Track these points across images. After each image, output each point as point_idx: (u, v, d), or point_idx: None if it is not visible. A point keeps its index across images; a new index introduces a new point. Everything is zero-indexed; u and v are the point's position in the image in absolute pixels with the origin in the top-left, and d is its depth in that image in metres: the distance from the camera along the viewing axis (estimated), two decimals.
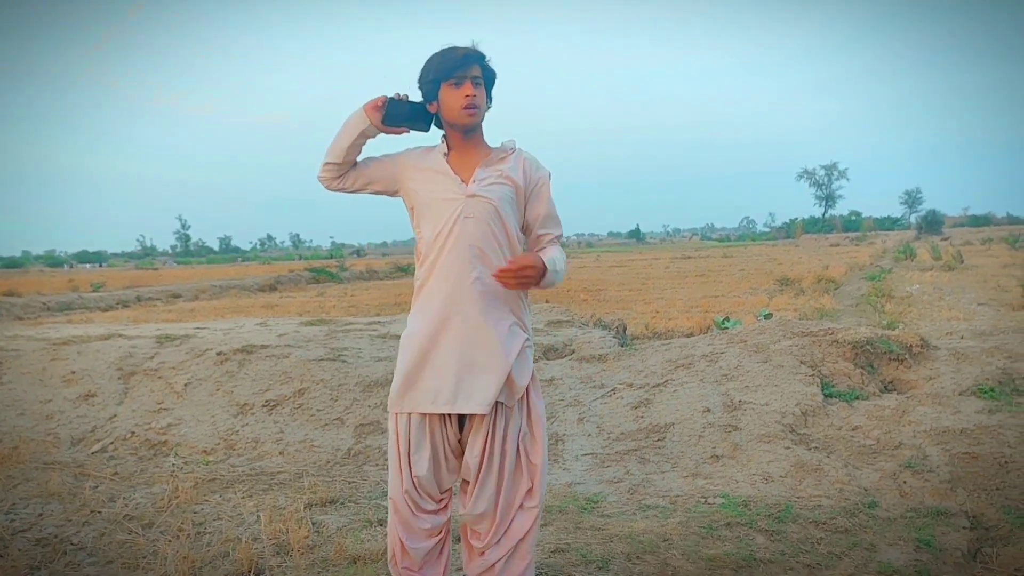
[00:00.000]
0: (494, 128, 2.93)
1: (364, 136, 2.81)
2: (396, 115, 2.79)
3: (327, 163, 2.85)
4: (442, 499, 2.93)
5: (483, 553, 2.90)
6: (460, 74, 2.73)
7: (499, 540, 2.88)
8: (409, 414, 2.80)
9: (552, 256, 2.82)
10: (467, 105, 2.74)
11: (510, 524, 2.88)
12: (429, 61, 2.78)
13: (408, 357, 2.80)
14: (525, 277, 2.68)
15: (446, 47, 2.78)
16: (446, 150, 2.85)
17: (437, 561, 2.97)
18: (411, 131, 2.86)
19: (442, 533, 2.96)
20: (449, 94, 2.75)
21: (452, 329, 2.74)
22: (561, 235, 3.00)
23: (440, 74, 2.74)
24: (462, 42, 2.81)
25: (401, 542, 2.89)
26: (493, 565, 2.88)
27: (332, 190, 2.90)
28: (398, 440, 2.84)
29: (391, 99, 2.78)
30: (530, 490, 2.88)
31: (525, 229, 2.94)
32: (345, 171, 2.87)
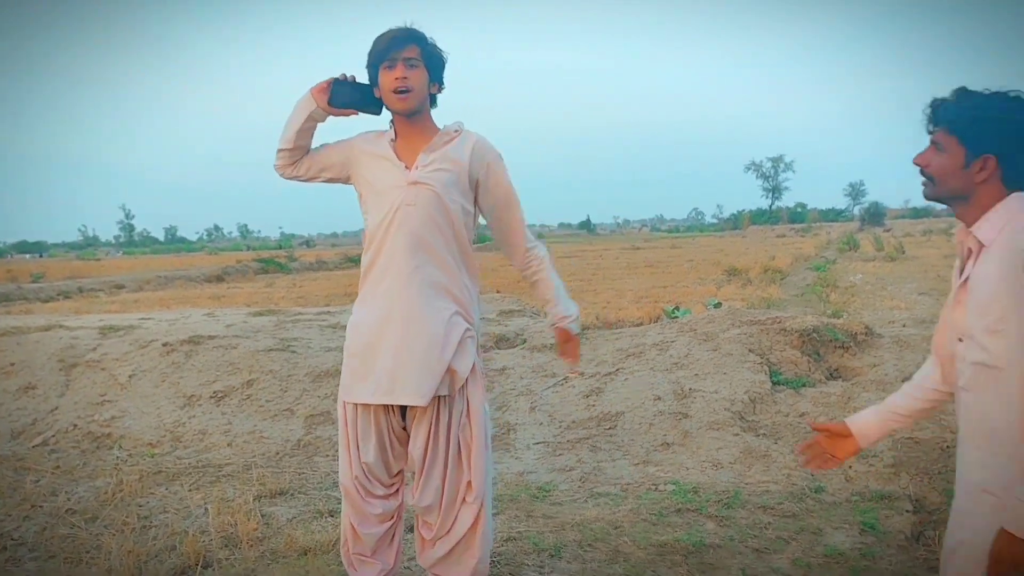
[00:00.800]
0: (445, 118, 2.92)
1: (312, 120, 2.75)
2: (342, 96, 2.74)
3: (280, 149, 2.80)
4: (392, 484, 2.91)
5: (434, 544, 2.88)
6: (393, 56, 2.67)
7: (447, 532, 2.85)
8: (355, 403, 2.78)
9: (559, 300, 2.93)
10: (397, 88, 2.67)
11: (456, 517, 2.84)
12: (370, 47, 2.73)
13: (351, 346, 2.80)
14: (573, 348, 2.97)
15: (384, 31, 2.73)
16: (393, 136, 2.80)
17: (389, 547, 2.95)
18: (362, 114, 2.81)
19: (393, 519, 2.93)
20: (384, 77, 2.69)
21: (393, 319, 2.70)
22: (539, 246, 2.96)
23: (375, 56, 2.70)
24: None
25: (353, 527, 2.87)
26: (443, 557, 2.86)
27: (288, 178, 2.85)
28: (346, 427, 2.84)
29: (336, 80, 2.73)
30: (469, 483, 2.82)
31: (487, 214, 2.89)
32: (298, 157, 2.82)
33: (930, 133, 1.98)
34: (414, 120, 2.77)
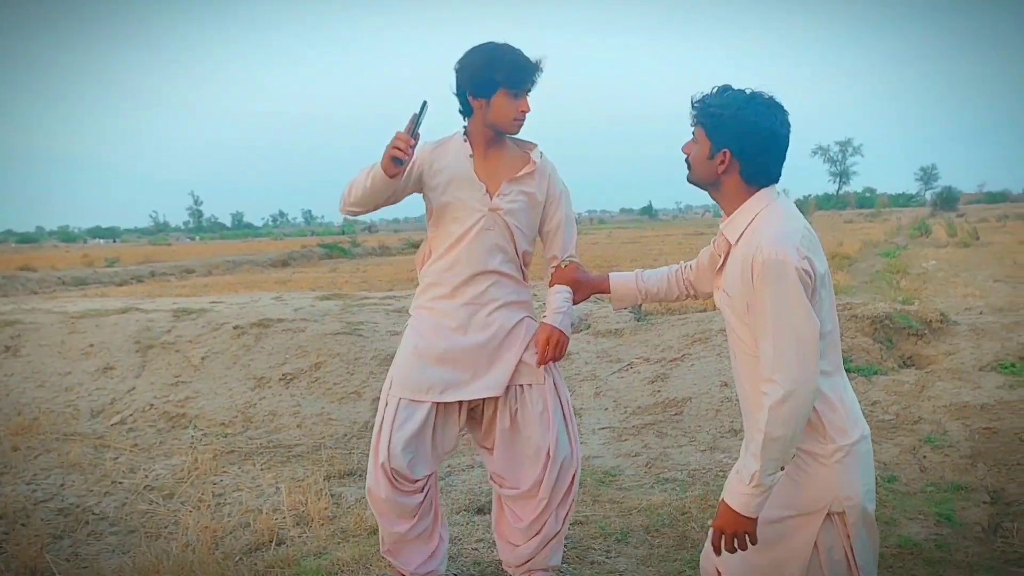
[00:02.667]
0: None
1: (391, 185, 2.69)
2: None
3: (351, 208, 2.80)
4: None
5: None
6: (527, 87, 2.72)
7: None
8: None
9: (558, 309, 2.86)
10: (520, 118, 2.75)
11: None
12: (493, 59, 2.68)
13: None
14: (559, 349, 2.86)
15: (512, 49, 2.70)
16: (471, 151, 2.81)
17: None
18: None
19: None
20: (506, 102, 2.70)
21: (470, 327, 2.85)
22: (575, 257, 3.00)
23: (506, 81, 2.67)
24: (502, 38, 2.77)
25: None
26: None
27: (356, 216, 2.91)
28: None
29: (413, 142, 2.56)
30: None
31: (542, 237, 2.97)
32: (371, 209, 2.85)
33: (692, 125, 2.11)
34: (501, 138, 2.83)
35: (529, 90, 2.73)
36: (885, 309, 6.46)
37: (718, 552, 2.02)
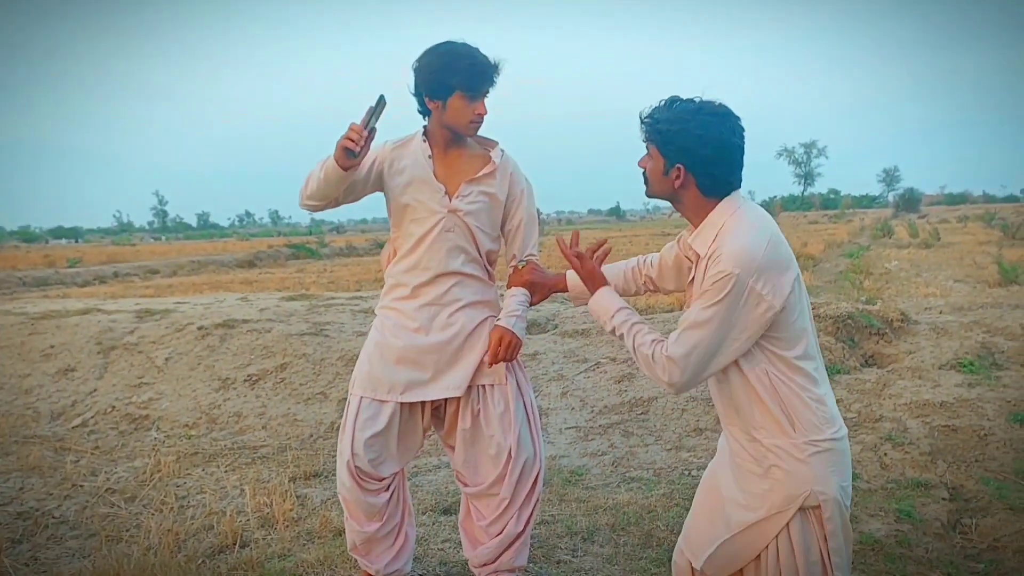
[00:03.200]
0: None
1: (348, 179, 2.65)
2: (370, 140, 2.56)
3: (309, 204, 2.75)
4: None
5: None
6: (484, 90, 2.69)
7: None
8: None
9: (512, 312, 2.83)
10: (476, 120, 2.72)
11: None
12: (448, 63, 2.63)
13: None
14: (512, 350, 2.81)
15: (469, 51, 2.66)
16: (430, 152, 2.79)
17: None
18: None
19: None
20: (462, 105, 2.67)
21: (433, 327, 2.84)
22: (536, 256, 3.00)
23: (462, 84, 2.64)
24: (460, 36, 2.75)
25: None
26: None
27: (315, 212, 2.86)
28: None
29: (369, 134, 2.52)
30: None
31: (504, 234, 2.95)
32: (330, 205, 2.80)
33: (643, 141, 2.11)
34: (460, 137, 2.80)
35: (486, 93, 2.70)
36: (848, 309, 6.55)
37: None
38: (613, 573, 3.28)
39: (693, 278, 2.09)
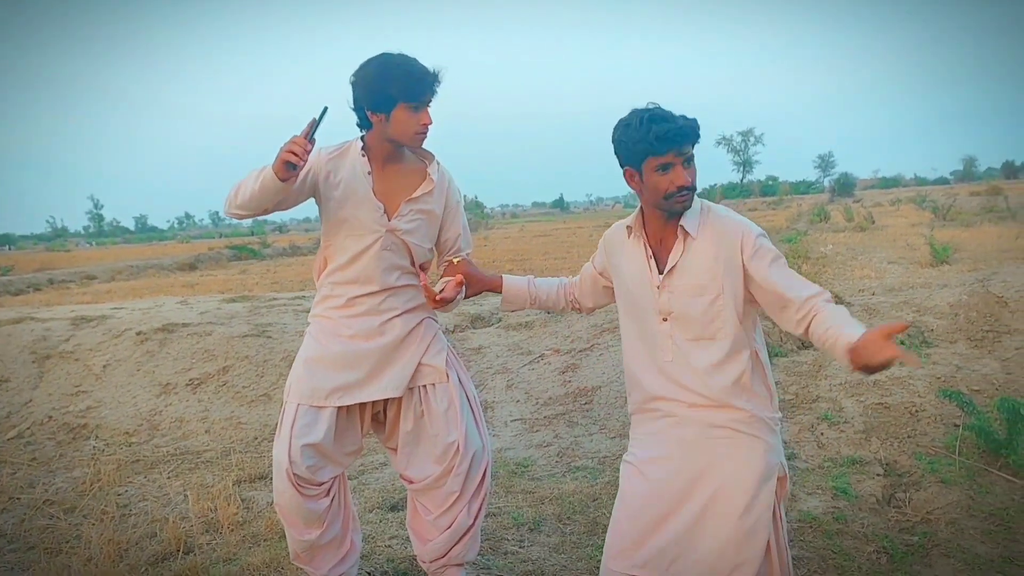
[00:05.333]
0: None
1: (285, 191, 2.58)
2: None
3: (237, 212, 2.66)
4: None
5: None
6: (425, 99, 2.64)
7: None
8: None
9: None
10: (422, 132, 2.68)
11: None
12: (389, 72, 2.58)
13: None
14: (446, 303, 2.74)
15: (409, 60, 2.61)
16: (369, 168, 2.74)
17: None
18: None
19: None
20: (406, 116, 2.62)
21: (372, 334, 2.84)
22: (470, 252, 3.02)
23: (404, 94, 2.59)
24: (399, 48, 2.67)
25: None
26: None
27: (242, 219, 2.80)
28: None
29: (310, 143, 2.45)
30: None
31: (438, 246, 2.95)
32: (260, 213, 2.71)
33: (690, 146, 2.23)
34: (400, 151, 2.78)
35: (429, 102, 2.66)
36: None
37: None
38: (560, 562, 3.32)
39: (672, 267, 2.20)
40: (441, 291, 2.64)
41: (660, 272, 2.22)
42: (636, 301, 2.28)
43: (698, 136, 2.13)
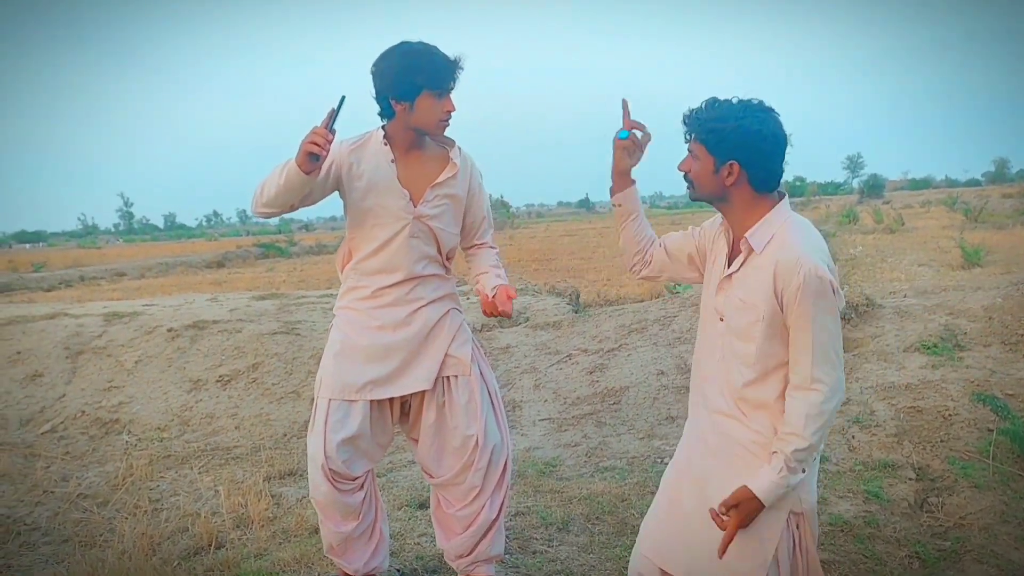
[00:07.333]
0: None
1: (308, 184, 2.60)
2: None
3: (264, 211, 2.67)
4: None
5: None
6: (449, 86, 2.67)
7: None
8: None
9: (498, 274, 2.92)
10: (445, 118, 2.71)
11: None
12: (412, 62, 2.61)
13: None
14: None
15: (430, 49, 2.64)
16: (392, 156, 2.76)
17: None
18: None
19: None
20: (430, 103, 2.65)
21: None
22: (492, 239, 3.06)
23: (428, 82, 2.62)
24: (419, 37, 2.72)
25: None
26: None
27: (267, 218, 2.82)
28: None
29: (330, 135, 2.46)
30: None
31: (463, 231, 2.97)
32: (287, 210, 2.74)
33: (687, 142, 2.13)
34: (422, 139, 2.79)
35: (452, 88, 2.69)
36: None
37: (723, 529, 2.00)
38: (588, 562, 3.31)
39: (733, 272, 2.10)
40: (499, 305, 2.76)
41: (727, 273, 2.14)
42: (708, 291, 2.22)
43: (694, 128, 2.08)
